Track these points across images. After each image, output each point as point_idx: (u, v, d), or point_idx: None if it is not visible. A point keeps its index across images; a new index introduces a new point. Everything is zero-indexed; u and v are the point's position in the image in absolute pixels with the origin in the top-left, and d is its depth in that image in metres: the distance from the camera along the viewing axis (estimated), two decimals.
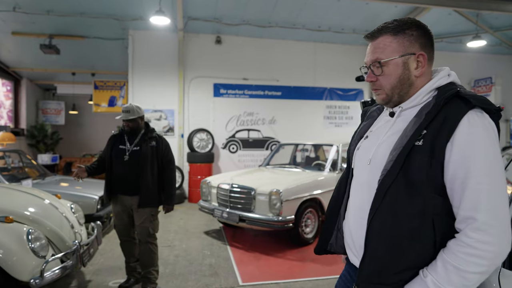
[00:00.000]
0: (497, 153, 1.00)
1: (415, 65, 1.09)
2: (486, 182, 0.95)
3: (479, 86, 9.88)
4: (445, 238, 1.01)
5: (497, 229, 0.94)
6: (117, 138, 3.27)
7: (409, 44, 1.08)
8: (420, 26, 1.11)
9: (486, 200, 0.94)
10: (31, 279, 2.54)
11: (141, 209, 3.13)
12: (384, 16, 8.06)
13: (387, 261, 1.03)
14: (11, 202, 3.12)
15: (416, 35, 1.09)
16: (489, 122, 1.02)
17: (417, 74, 1.09)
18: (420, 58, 1.09)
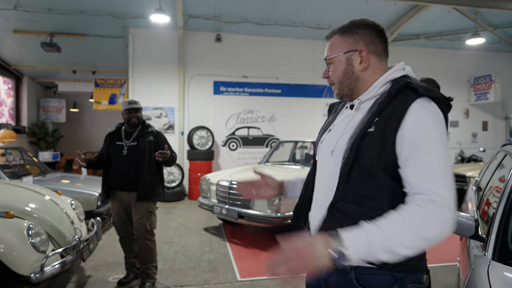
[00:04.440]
0: (443, 135, 1.05)
1: (359, 61, 1.17)
2: (436, 159, 1.00)
3: (478, 83, 9.88)
4: None
5: (449, 201, 0.96)
6: (113, 135, 3.30)
7: (353, 42, 1.17)
8: (369, 25, 1.19)
9: (438, 174, 0.99)
10: (31, 273, 2.59)
11: (139, 205, 3.16)
12: (383, 14, 8.07)
13: None
14: (12, 198, 3.16)
15: (362, 34, 1.17)
16: (436, 110, 1.06)
17: (361, 69, 1.17)
18: (362, 54, 1.16)
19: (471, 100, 10.13)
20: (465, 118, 10.14)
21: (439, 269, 3.74)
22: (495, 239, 1.58)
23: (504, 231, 1.60)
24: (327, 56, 1.22)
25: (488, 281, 1.37)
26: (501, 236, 1.58)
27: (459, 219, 1.76)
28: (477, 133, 10.24)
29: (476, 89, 9.96)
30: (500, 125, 10.43)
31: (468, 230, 1.71)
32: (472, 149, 9.90)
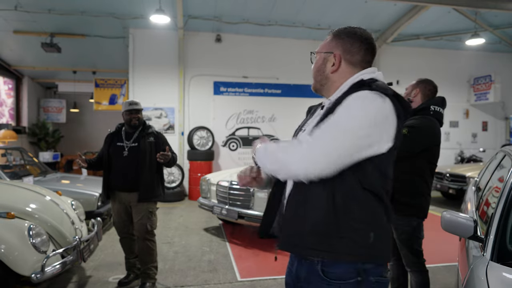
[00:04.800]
0: (366, 120, 1.10)
1: (332, 63, 1.29)
2: (332, 132, 1.11)
3: (478, 84, 9.88)
4: (343, 204, 1.13)
5: (312, 145, 1.09)
6: (114, 136, 3.30)
7: (334, 46, 1.29)
8: (356, 36, 1.28)
9: (322, 138, 1.11)
10: (32, 273, 2.60)
11: (139, 205, 3.17)
12: (383, 14, 8.09)
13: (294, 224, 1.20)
14: (13, 198, 3.17)
15: (345, 41, 1.28)
16: (375, 99, 1.13)
17: (331, 71, 1.29)
18: (336, 58, 1.28)
19: (471, 101, 10.14)
20: (465, 118, 10.15)
21: (439, 269, 3.75)
22: (494, 240, 1.59)
23: (502, 231, 1.60)
24: (315, 50, 1.36)
25: (486, 281, 1.38)
26: (499, 237, 1.59)
27: (458, 219, 1.76)
28: (477, 133, 10.24)
29: (476, 90, 9.96)
30: (500, 125, 10.44)
31: (467, 230, 1.72)
32: (472, 149, 9.91)
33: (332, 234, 1.13)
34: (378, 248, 1.16)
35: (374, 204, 1.16)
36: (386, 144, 1.15)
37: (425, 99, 2.45)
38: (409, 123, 2.35)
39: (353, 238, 1.12)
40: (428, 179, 2.45)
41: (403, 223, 2.43)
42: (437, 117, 2.39)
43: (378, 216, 1.17)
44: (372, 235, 1.14)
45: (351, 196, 1.13)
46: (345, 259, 1.13)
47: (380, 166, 1.17)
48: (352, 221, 1.12)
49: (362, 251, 1.14)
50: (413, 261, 2.46)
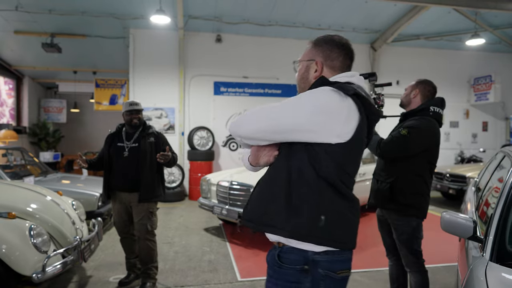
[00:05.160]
0: (310, 106, 1.20)
1: (314, 70, 1.39)
2: (282, 102, 1.25)
3: (478, 84, 9.89)
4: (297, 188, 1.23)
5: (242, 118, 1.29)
6: (114, 136, 3.31)
7: (315, 53, 1.40)
8: (335, 42, 1.39)
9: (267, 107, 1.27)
10: (33, 273, 2.61)
11: (140, 206, 3.18)
12: (383, 14, 8.09)
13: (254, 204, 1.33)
14: (14, 198, 3.18)
15: (324, 48, 1.39)
16: (337, 96, 1.22)
17: (314, 77, 1.39)
18: (318, 64, 1.38)
19: (471, 101, 10.14)
20: (465, 118, 10.15)
21: (438, 269, 3.76)
22: (493, 240, 1.59)
23: (502, 232, 1.61)
24: (298, 59, 1.46)
25: (485, 282, 1.39)
26: (498, 237, 1.59)
27: (458, 220, 1.77)
28: (477, 133, 10.25)
29: (476, 90, 9.97)
30: (500, 125, 10.44)
31: (466, 231, 1.72)
32: (472, 149, 9.91)
33: (285, 213, 1.22)
34: (330, 234, 1.21)
35: (329, 193, 1.23)
36: (334, 137, 1.21)
37: (424, 100, 2.46)
38: (408, 123, 2.36)
39: (303, 219, 1.20)
40: (428, 180, 2.46)
41: (402, 223, 2.44)
42: (436, 118, 2.40)
43: (334, 205, 1.23)
44: (323, 219, 1.20)
45: (305, 182, 1.22)
46: (295, 237, 1.21)
47: (335, 157, 1.23)
48: (305, 204, 1.21)
49: (310, 233, 1.20)
50: (413, 261, 2.47)
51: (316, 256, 1.22)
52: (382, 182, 2.48)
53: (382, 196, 2.47)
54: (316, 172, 1.22)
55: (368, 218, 6.03)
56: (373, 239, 4.81)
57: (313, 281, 1.22)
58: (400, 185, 2.41)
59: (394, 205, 2.44)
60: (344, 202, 1.25)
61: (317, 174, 1.22)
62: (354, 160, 1.31)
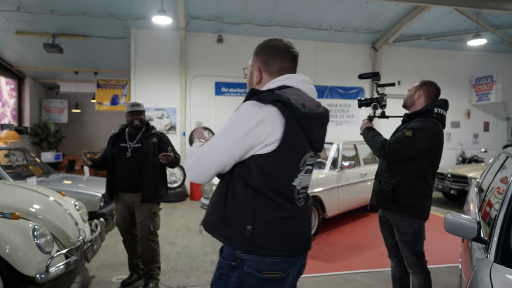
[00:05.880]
0: (243, 124, 1.28)
1: (256, 76, 1.48)
2: (217, 133, 1.35)
3: (480, 84, 9.88)
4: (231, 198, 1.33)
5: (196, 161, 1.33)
6: (117, 136, 3.32)
7: (256, 60, 1.49)
8: (271, 47, 1.46)
9: (208, 142, 1.36)
10: (36, 274, 2.61)
11: (143, 206, 3.19)
12: (384, 15, 8.09)
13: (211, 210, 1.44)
14: (17, 199, 3.19)
15: (262, 54, 1.47)
16: (248, 108, 1.30)
17: (256, 82, 1.48)
18: (257, 70, 1.47)
19: (472, 101, 10.13)
20: (466, 118, 10.15)
21: (441, 270, 3.76)
22: (497, 242, 1.59)
23: (506, 233, 1.61)
24: (247, 66, 1.55)
25: (490, 283, 1.39)
26: (503, 239, 1.59)
27: (462, 221, 1.77)
28: (478, 133, 10.24)
29: (477, 90, 9.96)
30: (501, 125, 10.44)
31: (470, 232, 1.72)
32: (473, 149, 9.90)
33: (222, 221, 1.34)
34: (258, 242, 1.29)
35: (258, 202, 1.29)
36: (260, 148, 1.28)
37: (428, 101, 2.46)
38: (412, 125, 2.36)
39: (235, 228, 1.31)
40: (430, 181, 2.46)
41: (405, 225, 2.44)
42: (440, 119, 2.40)
43: (263, 214, 1.30)
44: (250, 229, 1.29)
45: (236, 192, 1.32)
46: (229, 244, 1.33)
47: (264, 166, 1.29)
48: (236, 214, 1.31)
49: (239, 241, 1.30)
50: (415, 263, 2.47)
51: (243, 255, 1.30)
52: (385, 183, 2.48)
53: (384, 197, 2.47)
54: (246, 182, 1.30)
55: (369, 219, 6.03)
56: (374, 239, 4.81)
57: (238, 277, 1.32)
58: (402, 186, 2.41)
59: (397, 206, 2.44)
60: (275, 210, 1.31)
61: (246, 185, 1.30)
62: (287, 169, 1.34)
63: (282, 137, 1.27)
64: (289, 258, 1.35)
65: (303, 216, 1.41)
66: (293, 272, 1.39)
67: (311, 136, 1.37)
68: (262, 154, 1.28)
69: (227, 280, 1.34)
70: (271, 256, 1.31)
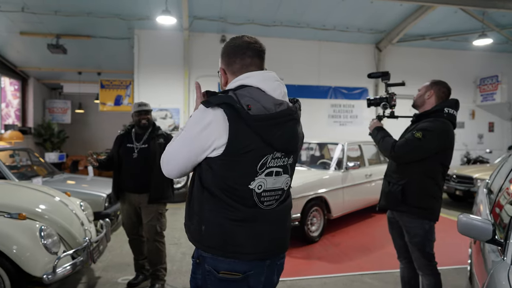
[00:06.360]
0: (192, 128, 1.31)
1: (223, 77, 1.46)
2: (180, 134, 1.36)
3: (485, 84, 9.83)
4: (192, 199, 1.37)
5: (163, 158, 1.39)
6: (124, 137, 3.31)
7: (221, 62, 1.46)
8: (230, 46, 1.43)
9: (172, 141, 1.37)
10: (43, 274, 2.60)
11: (149, 207, 3.17)
12: (389, 15, 8.06)
13: None
14: (23, 199, 3.18)
15: (224, 55, 1.44)
16: (200, 114, 1.30)
17: (223, 83, 1.47)
18: (221, 72, 1.46)
19: (477, 101, 10.08)
20: (471, 119, 10.10)
21: (449, 271, 3.72)
22: None
23: None
24: None
25: (509, 286, 1.36)
26: None
27: (476, 223, 1.74)
28: (483, 134, 10.19)
29: (482, 90, 9.91)
30: (506, 126, 10.38)
31: (485, 234, 1.69)
32: (478, 150, 9.85)
33: (188, 219, 1.39)
34: (209, 241, 1.31)
35: (211, 203, 1.31)
36: (209, 151, 1.28)
37: (438, 101, 2.43)
38: (423, 125, 2.33)
39: (195, 226, 1.35)
40: (440, 182, 2.44)
41: (415, 226, 2.41)
42: (450, 119, 2.38)
43: (215, 215, 1.31)
44: (204, 228, 1.32)
45: (195, 193, 1.35)
46: (191, 241, 1.39)
47: (216, 169, 1.29)
48: (194, 213, 1.36)
49: (197, 239, 1.35)
50: (425, 264, 2.44)
51: (203, 253, 1.34)
52: (394, 184, 2.46)
53: (393, 198, 2.44)
54: (202, 184, 1.33)
55: (374, 220, 6.00)
56: (380, 240, 4.78)
57: (202, 275, 1.35)
58: (412, 187, 2.38)
59: (406, 208, 2.42)
60: (228, 212, 1.29)
61: (202, 186, 1.33)
62: (241, 171, 1.29)
63: (228, 141, 1.25)
64: (250, 261, 1.32)
65: (268, 219, 1.35)
66: (257, 276, 1.33)
67: (268, 138, 1.29)
68: (212, 157, 1.29)
69: (195, 278, 1.38)
70: (223, 257, 1.30)
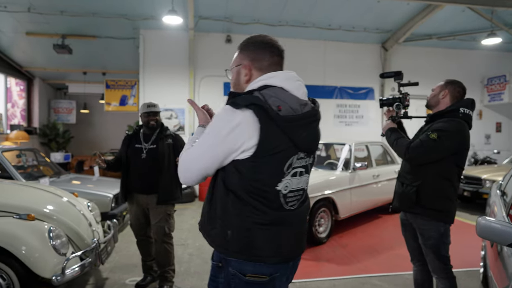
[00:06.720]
0: (218, 130, 1.27)
1: (244, 74, 1.40)
2: (201, 137, 1.35)
3: (492, 84, 9.73)
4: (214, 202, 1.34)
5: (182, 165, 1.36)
6: (132, 137, 3.29)
7: (243, 57, 1.41)
8: (258, 43, 1.39)
9: (193, 147, 1.35)
10: (53, 276, 2.58)
11: (158, 208, 3.15)
12: (395, 14, 7.99)
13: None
14: (31, 200, 3.15)
15: (250, 51, 1.39)
16: (224, 112, 1.28)
17: (245, 81, 1.40)
18: (246, 68, 1.39)
19: (484, 101, 9.98)
20: (478, 119, 9.99)
21: (460, 274, 3.65)
22: None
23: None
24: (229, 67, 1.48)
25: None
26: None
27: (496, 226, 1.70)
28: (490, 134, 10.08)
29: (489, 90, 9.82)
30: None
31: (506, 237, 1.65)
32: (485, 150, 9.75)
33: (208, 223, 1.35)
34: (236, 247, 1.28)
35: (238, 208, 1.27)
36: (239, 153, 1.24)
37: (453, 101, 2.38)
38: (437, 126, 2.28)
39: (217, 231, 1.32)
40: (456, 183, 2.39)
41: (429, 228, 2.37)
42: (466, 119, 2.33)
43: (242, 219, 1.28)
44: (230, 233, 1.29)
45: (219, 196, 1.31)
46: (213, 246, 1.36)
47: (244, 171, 1.25)
48: (217, 217, 1.32)
49: (221, 244, 1.31)
50: (440, 268, 2.39)
51: (226, 256, 1.32)
52: (408, 185, 2.42)
53: (407, 199, 2.40)
54: (227, 187, 1.28)
55: (382, 221, 5.94)
56: (389, 242, 4.73)
57: (225, 278, 1.33)
58: (427, 189, 2.34)
59: (421, 209, 2.37)
60: (255, 216, 1.27)
61: (227, 189, 1.28)
62: (269, 173, 1.28)
63: (259, 142, 1.22)
64: (276, 264, 1.32)
65: (292, 221, 1.35)
66: (280, 277, 1.36)
67: (295, 138, 1.29)
68: (241, 159, 1.25)
69: (216, 282, 1.36)
70: (250, 261, 1.29)
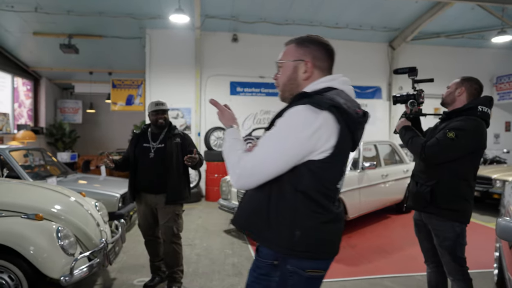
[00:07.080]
0: (299, 131, 1.20)
1: (303, 70, 1.35)
2: (268, 138, 1.26)
3: (501, 83, 9.60)
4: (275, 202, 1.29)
5: (244, 169, 1.25)
6: (140, 136, 3.26)
7: (303, 53, 1.36)
8: (320, 43, 1.38)
9: (259, 148, 1.26)
10: (61, 276, 2.55)
11: (166, 208, 3.11)
12: (403, 12, 7.90)
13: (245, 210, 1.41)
14: (39, 199, 3.13)
15: (312, 48, 1.36)
16: (311, 115, 1.21)
17: (304, 78, 1.36)
18: (308, 65, 1.35)
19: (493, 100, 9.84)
20: None
21: (473, 276, 3.58)
22: None
23: None
24: (279, 60, 1.42)
25: None
26: None
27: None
28: (499, 133, 9.95)
29: (498, 89, 9.68)
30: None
31: None
32: (494, 150, 9.61)
33: (264, 223, 1.30)
34: (303, 246, 1.27)
35: (307, 207, 1.26)
36: (316, 155, 1.23)
37: (470, 99, 2.32)
38: (454, 125, 2.22)
39: (280, 231, 1.27)
40: (472, 183, 2.33)
41: (445, 229, 2.31)
42: (483, 117, 2.26)
43: (311, 219, 1.27)
44: (298, 234, 1.26)
45: (282, 197, 1.27)
46: (273, 247, 1.31)
47: (316, 172, 1.25)
48: (281, 218, 1.27)
49: (283, 245, 1.28)
50: (456, 269, 2.33)
51: (286, 255, 1.30)
52: (422, 184, 2.36)
53: (421, 199, 2.34)
54: (295, 187, 1.26)
55: (391, 221, 5.86)
56: (398, 242, 4.66)
57: (281, 276, 1.31)
58: (443, 188, 2.28)
59: (435, 209, 2.31)
60: (322, 215, 1.29)
61: (295, 189, 1.26)
62: (336, 172, 1.33)
63: (337, 143, 1.25)
64: (330, 259, 1.38)
65: (342, 216, 1.41)
66: None
67: (355, 138, 1.35)
68: (316, 160, 1.25)
69: (268, 280, 1.35)
70: (311, 259, 1.30)
